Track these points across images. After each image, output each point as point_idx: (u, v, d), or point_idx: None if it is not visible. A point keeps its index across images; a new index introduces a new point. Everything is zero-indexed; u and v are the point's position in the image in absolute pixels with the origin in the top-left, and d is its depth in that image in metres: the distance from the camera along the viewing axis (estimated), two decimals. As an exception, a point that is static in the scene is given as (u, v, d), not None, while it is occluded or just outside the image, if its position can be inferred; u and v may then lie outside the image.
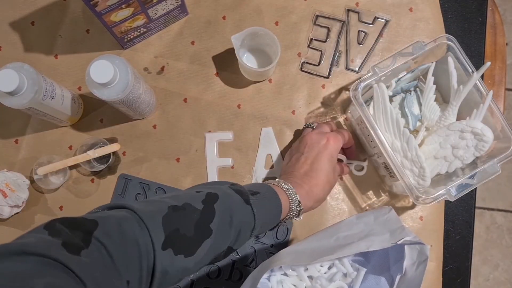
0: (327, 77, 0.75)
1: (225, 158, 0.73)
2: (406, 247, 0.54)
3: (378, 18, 0.76)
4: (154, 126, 0.73)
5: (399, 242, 0.50)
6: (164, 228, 0.44)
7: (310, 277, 0.60)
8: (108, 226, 0.41)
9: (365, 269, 0.59)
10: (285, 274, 0.60)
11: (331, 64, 0.75)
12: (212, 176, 0.72)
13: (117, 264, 0.40)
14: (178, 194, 0.50)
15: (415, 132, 0.68)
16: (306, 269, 0.60)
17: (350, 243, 0.52)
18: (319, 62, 0.75)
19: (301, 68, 0.75)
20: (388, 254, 0.58)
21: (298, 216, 0.58)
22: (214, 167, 0.72)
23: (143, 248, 0.42)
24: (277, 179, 0.60)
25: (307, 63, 0.75)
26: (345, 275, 0.60)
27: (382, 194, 0.72)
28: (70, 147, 0.72)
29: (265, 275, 0.59)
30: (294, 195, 0.57)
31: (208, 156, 0.72)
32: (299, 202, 0.57)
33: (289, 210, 0.57)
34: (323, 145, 0.62)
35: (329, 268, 0.61)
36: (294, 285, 0.60)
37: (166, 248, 0.44)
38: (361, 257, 0.62)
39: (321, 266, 0.61)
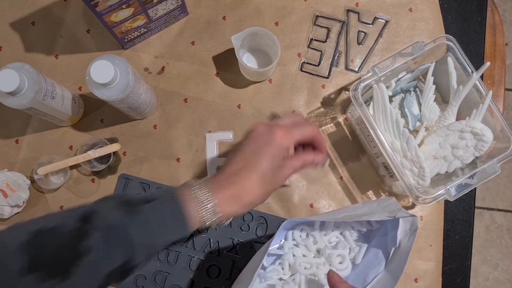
0: (327, 77, 0.75)
1: (225, 158, 0.73)
2: (400, 220, 0.61)
3: (378, 18, 0.76)
4: (155, 126, 0.73)
5: (394, 216, 0.57)
6: (24, 253, 0.40)
7: (318, 251, 0.66)
8: None
9: (366, 245, 0.65)
10: (296, 245, 0.65)
11: (331, 64, 0.75)
12: (212, 176, 0.72)
13: None
14: (51, 214, 0.45)
15: (415, 132, 0.68)
16: (316, 243, 0.65)
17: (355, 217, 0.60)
18: (319, 62, 0.75)
19: (301, 68, 0.75)
20: (386, 235, 0.64)
21: (223, 223, 0.50)
22: (214, 167, 0.72)
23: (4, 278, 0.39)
24: (197, 182, 0.50)
25: (307, 63, 0.75)
26: (349, 249, 0.66)
27: (382, 194, 0.72)
28: (71, 147, 0.73)
29: (277, 240, 0.66)
30: (207, 203, 0.47)
31: (208, 156, 0.73)
32: (214, 212, 0.48)
33: (203, 219, 0.48)
34: (266, 140, 0.51)
35: (336, 244, 0.66)
36: (304, 255, 0.65)
37: (26, 275, 0.39)
38: (363, 238, 0.68)
39: (330, 243, 0.66)
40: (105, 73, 0.57)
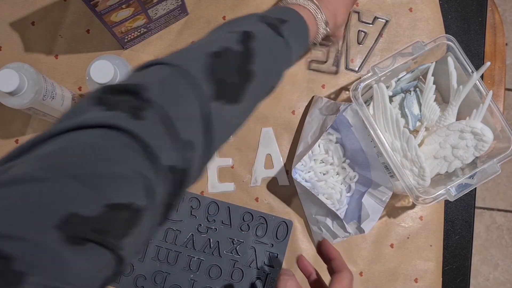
0: (335, 73, 0.75)
1: (225, 158, 0.73)
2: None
3: (378, 18, 0.76)
4: (154, 126, 0.73)
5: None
6: (210, 78, 0.40)
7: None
8: (155, 85, 0.38)
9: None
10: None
11: (331, 64, 0.75)
12: (212, 176, 0.72)
13: (175, 123, 0.36)
14: (210, 38, 0.46)
15: (415, 132, 0.68)
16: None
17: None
18: (325, 62, 0.75)
19: (309, 67, 0.75)
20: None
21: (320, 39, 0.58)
22: (214, 167, 0.72)
23: (198, 103, 0.39)
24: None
25: (312, 61, 0.75)
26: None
27: (382, 194, 0.72)
28: (71, 147, 0.72)
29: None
30: (320, 15, 0.55)
31: (208, 156, 0.72)
32: (327, 23, 0.56)
33: (317, 33, 0.56)
34: None
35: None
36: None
37: (218, 99, 0.40)
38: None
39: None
40: (105, 73, 0.57)
